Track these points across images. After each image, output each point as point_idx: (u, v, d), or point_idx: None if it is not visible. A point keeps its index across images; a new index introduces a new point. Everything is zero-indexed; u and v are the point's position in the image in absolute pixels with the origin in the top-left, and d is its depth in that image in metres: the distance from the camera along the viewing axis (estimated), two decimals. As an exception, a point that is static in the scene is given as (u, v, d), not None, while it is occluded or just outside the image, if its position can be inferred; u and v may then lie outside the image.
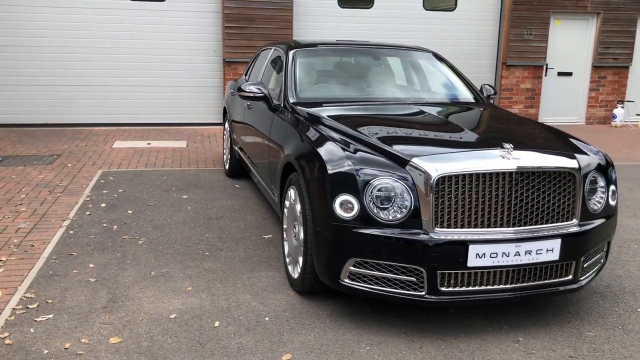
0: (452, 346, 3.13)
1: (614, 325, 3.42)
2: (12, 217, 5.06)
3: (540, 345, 3.17)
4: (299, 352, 3.03)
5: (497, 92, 5.15)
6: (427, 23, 10.72)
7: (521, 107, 11.22)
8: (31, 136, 8.97)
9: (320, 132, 3.64)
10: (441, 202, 3.06)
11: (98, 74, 9.73)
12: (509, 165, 3.11)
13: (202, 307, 3.50)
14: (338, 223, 3.14)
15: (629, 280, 4.09)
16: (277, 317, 3.40)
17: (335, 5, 10.31)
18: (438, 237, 3.04)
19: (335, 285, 3.25)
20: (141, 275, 3.93)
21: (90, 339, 3.09)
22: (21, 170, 6.73)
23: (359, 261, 3.16)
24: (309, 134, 3.70)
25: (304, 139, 3.67)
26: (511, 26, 10.78)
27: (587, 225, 3.31)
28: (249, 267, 4.11)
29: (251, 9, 9.73)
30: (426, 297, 3.10)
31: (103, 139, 8.90)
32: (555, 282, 3.27)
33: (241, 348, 3.05)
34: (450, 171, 3.05)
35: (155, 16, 9.72)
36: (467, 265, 3.05)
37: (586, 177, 3.36)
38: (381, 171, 3.14)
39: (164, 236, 4.69)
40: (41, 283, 3.76)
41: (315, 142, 3.53)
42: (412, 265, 3.07)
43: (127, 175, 6.66)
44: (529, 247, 3.10)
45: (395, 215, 3.09)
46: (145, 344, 3.07)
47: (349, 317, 3.42)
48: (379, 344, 3.14)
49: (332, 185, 3.17)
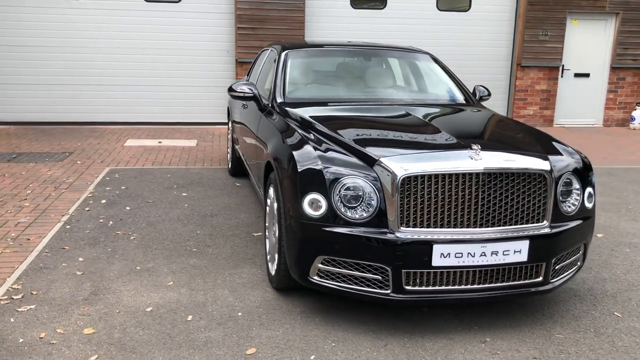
0: (417, 345, 3.16)
1: (587, 328, 3.40)
2: (15, 211, 5.24)
3: (507, 346, 3.18)
4: (264, 346, 3.09)
5: (490, 94, 5.12)
6: (440, 24, 10.68)
7: (536, 109, 11.10)
8: (48, 134, 9.22)
9: (298, 131, 3.70)
10: (407, 202, 3.09)
11: (114, 74, 9.95)
12: (475, 166, 3.12)
13: (179, 301, 3.59)
14: (307, 221, 3.19)
15: (612, 283, 4.05)
16: (250, 312, 3.47)
17: (348, 6, 10.36)
18: (403, 236, 3.07)
19: (305, 282, 3.31)
20: (126, 270, 4.04)
21: (65, 330, 3.20)
22: (32, 167, 6.94)
23: (327, 259, 3.21)
24: (287, 133, 3.76)
25: (281, 138, 3.74)
26: (526, 27, 10.68)
27: (559, 227, 3.30)
28: (233, 264, 4.19)
29: (263, 10, 9.84)
30: (391, 296, 3.14)
31: (116, 137, 9.11)
32: (525, 284, 3.27)
33: (208, 341, 3.13)
34: (416, 171, 3.08)
35: (169, 17, 9.90)
36: (432, 265, 3.08)
37: (559, 179, 3.35)
38: (349, 171, 3.19)
39: (156, 232, 4.80)
40: (30, 275, 3.90)
41: (291, 141, 3.59)
42: (378, 263, 3.11)
43: (132, 173, 6.82)
44: (495, 248, 3.11)
45: (362, 214, 3.13)
46: (117, 335, 3.17)
47: (321, 314, 3.47)
48: (345, 340, 3.18)
49: (302, 183, 3.23)
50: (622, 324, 3.46)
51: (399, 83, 5.01)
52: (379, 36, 10.50)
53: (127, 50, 9.91)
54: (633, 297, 3.84)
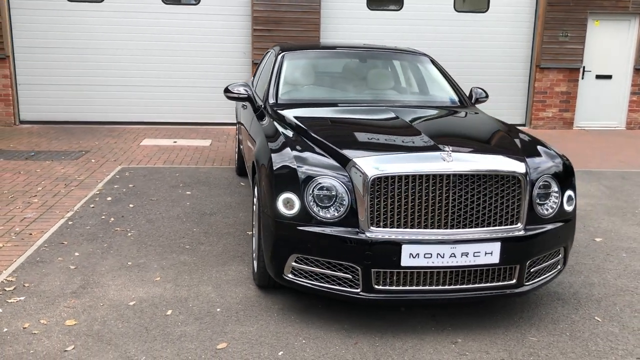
0: (387, 344, 3.19)
1: (562, 331, 3.38)
2: (23, 207, 5.44)
3: (477, 347, 3.19)
4: (235, 342, 3.17)
5: (487, 95, 5.10)
6: (458, 25, 10.62)
7: (555, 111, 10.94)
8: (69, 133, 9.50)
9: (281, 133, 3.77)
10: (377, 202, 3.13)
11: (134, 75, 10.18)
12: (446, 167, 3.14)
13: (163, 296, 3.70)
14: (281, 220, 3.26)
15: (600, 288, 4.01)
16: (229, 308, 3.56)
17: (364, 7, 10.39)
18: (372, 236, 3.12)
19: (280, 279, 3.37)
20: (118, 265, 4.17)
21: (48, 321, 3.34)
22: (47, 165, 7.17)
23: (301, 257, 3.27)
24: (271, 135, 3.83)
25: (265, 139, 3.81)
26: (545, 27, 10.53)
27: (534, 230, 3.30)
28: (222, 261, 4.28)
29: (279, 12, 9.94)
30: (361, 295, 3.18)
31: (133, 137, 9.33)
32: (497, 286, 3.27)
33: (182, 335, 3.22)
34: (386, 172, 3.12)
35: (188, 19, 10.08)
36: (401, 265, 3.11)
37: (536, 181, 3.35)
38: (323, 171, 3.24)
39: (154, 229, 4.93)
40: (25, 268, 4.06)
41: (272, 142, 3.67)
42: (348, 262, 3.16)
43: (142, 172, 6.99)
44: (465, 249, 3.13)
45: (333, 213, 3.19)
46: (97, 327, 3.29)
47: (298, 311, 3.54)
48: (316, 338, 3.24)
49: (276, 183, 3.30)
50: (600, 328, 3.44)
51: (393, 85, 5.03)
52: (395, 37, 10.50)
53: (147, 52, 10.13)
54: (618, 302, 3.80)
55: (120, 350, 3.06)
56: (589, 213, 5.80)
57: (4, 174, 6.67)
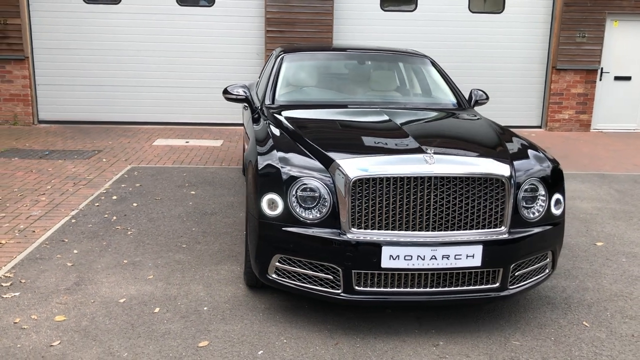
0: (367, 345, 3.21)
1: (547, 336, 3.36)
2: (30, 205, 5.58)
3: (458, 350, 3.18)
4: (217, 340, 3.22)
5: (488, 97, 5.06)
6: (472, 26, 10.54)
7: (572, 113, 10.79)
8: (84, 133, 9.68)
9: (272, 134, 3.81)
10: (358, 204, 3.15)
11: (149, 75, 10.33)
12: (428, 170, 3.14)
13: (153, 294, 3.76)
14: (265, 220, 3.30)
15: (594, 293, 3.96)
16: (216, 307, 3.60)
17: (377, 8, 10.37)
18: (353, 237, 3.13)
19: (264, 279, 3.41)
20: (114, 263, 4.25)
21: (39, 316, 3.43)
22: (59, 164, 7.32)
23: (284, 257, 3.30)
24: (260, 135, 3.87)
25: (255, 140, 3.85)
26: (562, 28, 10.39)
27: (519, 234, 3.28)
28: (216, 261, 4.34)
29: (292, 13, 9.99)
30: (342, 296, 3.20)
31: (147, 137, 9.46)
32: (480, 289, 3.26)
33: (167, 333, 3.28)
34: (368, 174, 3.13)
35: (203, 20, 10.19)
36: (381, 266, 3.12)
37: (521, 184, 3.33)
38: (306, 172, 3.27)
39: (154, 228, 5.01)
40: (24, 264, 4.17)
41: (261, 143, 3.70)
42: (329, 263, 3.18)
43: (151, 171, 7.09)
44: (446, 252, 3.13)
45: (315, 214, 3.21)
46: (85, 323, 3.36)
47: (284, 311, 3.57)
48: (298, 338, 3.26)
49: (261, 184, 3.33)
50: (586, 333, 3.40)
51: (392, 87, 5.03)
52: (408, 39, 10.47)
53: (162, 53, 10.26)
54: (610, 307, 3.75)
55: (104, 346, 3.13)
56: (595, 217, 5.72)
57: (17, 172, 6.83)
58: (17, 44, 9.84)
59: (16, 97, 10.06)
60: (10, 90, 10.03)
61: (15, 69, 9.95)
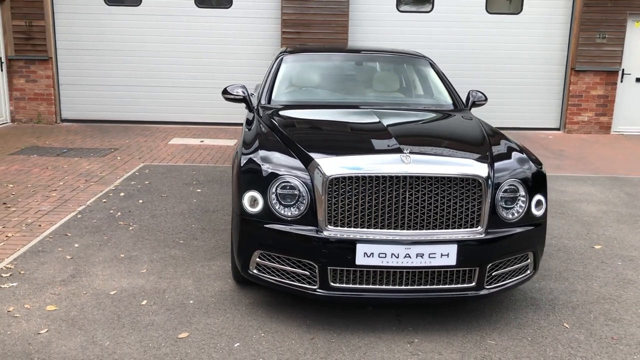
0: (342, 341, 3.27)
1: (524, 336, 3.37)
2: (41, 200, 5.78)
3: (431, 347, 3.22)
4: (197, 332, 3.32)
5: (486, 98, 5.06)
6: (490, 27, 10.48)
7: (591, 115, 10.63)
8: (104, 131, 9.93)
9: (258, 133, 3.90)
10: (335, 202, 3.21)
11: (168, 76, 10.55)
12: (403, 169, 3.19)
13: (143, 287, 3.89)
14: (246, 217, 3.39)
15: (581, 295, 3.94)
16: (202, 301, 3.71)
17: (393, 9, 10.40)
18: (329, 234, 3.20)
19: (245, 274, 3.50)
20: (111, 257, 4.39)
21: (32, 306, 3.58)
22: (75, 161, 7.55)
23: (264, 253, 3.38)
24: (249, 134, 3.97)
25: (243, 139, 3.95)
26: (581, 29, 10.26)
27: (496, 234, 3.30)
28: (210, 256, 4.45)
29: (308, 15, 10.08)
30: (318, 291, 3.27)
31: (163, 136, 9.67)
32: (456, 288, 3.29)
33: (150, 324, 3.39)
34: (344, 173, 3.20)
35: (221, 22, 10.36)
36: (356, 264, 3.18)
37: (500, 185, 3.35)
38: (286, 170, 3.35)
39: (155, 224, 5.15)
40: (26, 256, 4.34)
41: (247, 141, 3.80)
42: (306, 260, 3.25)
43: (162, 169, 7.26)
44: (420, 250, 3.17)
45: (294, 212, 3.29)
46: (74, 313, 3.50)
47: (267, 306, 3.65)
48: (275, 332, 3.34)
49: (243, 181, 3.42)
50: (565, 335, 3.40)
51: (387, 88, 5.06)
52: (424, 40, 10.46)
53: (181, 54, 10.47)
54: (595, 310, 3.73)
55: (88, 335, 3.26)
56: (598, 220, 5.66)
57: (33, 168, 7.07)
58: (41, 45, 10.15)
59: (40, 96, 10.38)
60: (35, 90, 10.35)
61: (39, 69, 10.27)
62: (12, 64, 10.25)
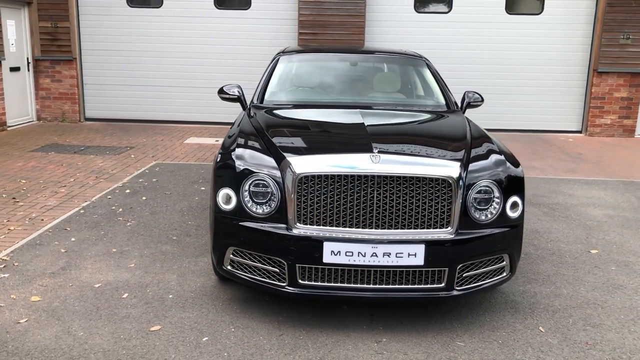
0: (310, 338, 3.29)
1: (496, 339, 3.33)
2: (49, 196, 5.97)
3: (398, 347, 3.22)
4: (170, 325, 3.39)
5: (483, 99, 5.01)
6: (509, 28, 10.34)
7: (614, 118, 10.38)
8: (124, 130, 10.17)
9: (240, 131, 3.95)
10: (304, 200, 3.24)
11: (188, 76, 10.73)
12: (372, 169, 3.20)
13: (127, 281, 3.99)
14: (220, 214, 3.45)
15: (565, 300, 3.88)
16: (181, 296, 3.78)
17: (411, 10, 10.35)
18: (297, 232, 3.23)
19: (221, 270, 3.56)
20: (103, 251, 4.52)
21: (18, 296, 3.71)
22: (90, 159, 7.76)
23: (237, 250, 3.44)
24: (231, 133, 4.03)
25: (227, 137, 4.01)
26: (604, 30, 10.03)
27: (467, 235, 3.28)
28: (199, 253, 4.53)
29: (325, 16, 10.13)
30: (286, 288, 3.30)
31: (180, 135, 9.84)
32: (424, 288, 3.28)
33: (126, 316, 3.48)
34: (313, 171, 3.23)
35: (239, 23, 10.50)
36: (323, 261, 3.20)
37: (472, 186, 3.32)
38: (258, 168, 3.39)
39: (153, 221, 5.27)
40: (23, 249, 4.50)
41: (228, 140, 3.86)
42: (276, 257, 3.29)
43: (172, 168, 7.40)
44: (387, 250, 3.17)
45: (266, 210, 3.33)
46: (56, 304, 3.62)
47: (243, 302, 3.70)
48: (246, 327, 3.39)
49: (217, 179, 3.49)
50: (538, 338, 3.35)
51: (379, 88, 5.05)
52: (442, 41, 10.39)
53: (200, 54, 10.64)
54: (576, 314, 3.67)
55: (65, 325, 3.36)
56: (602, 224, 5.54)
57: (49, 165, 7.30)
58: (66, 45, 10.46)
59: (64, 95, 10.69)
60: (59, 89, 10.67)
61: (64, 69, 10.58)
62: (39, 64, 10.59)
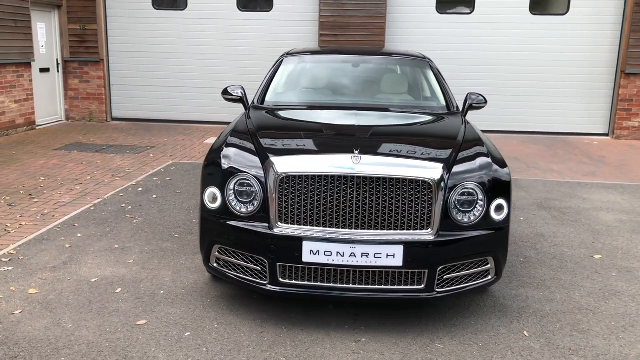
0: (290, 336, 3.34)
1: (476, 342, 3.31)
2: (64, 193, 6.16)
3: (375, 348, 3.23)
4: (156, 320, 3.48)
5: (486, 101, 4.95)
6: (533, 28, 10.18)
7: (642, 120, 10.11)
8: (147, 130, 10.39)
9: (233, 130, 4.02)
10: (285, 200, 3.29)
11: (211, 77, 10.91)
12: (351, 170, 3.22)
13: (123, 276, 4.10)
14: (206, 213, 3.52)
15: (556, 305, 3.82)
16: (172, 292, 3.87)
17: (433, 11, 10.29)
18: (278, 231, 3.28)
19: (207, 268, 3.63)
20: (106, 247, 4.65)
21: (17, 289, 3.86)
22: (110, 157, 7.97)
23: (222, 248, 3.51)
24: (224, 131, 4.10)
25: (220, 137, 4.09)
26: (633, 30, 9.78)
27: (448, 237, 3.27)
28: (197, 250, 4.62)
29: (346, 17, 10.15)
30: (268, 287, 3.35)
31: (201, 135, 10.00)
32: (404, 289, 3.29)
33: (115, 310, 3.59)
34: (294, 171, 3.27)
35: (261, 25, 10.62)
36: (303, 261, 3.24)
37: (454, 188, 3.31)
38: (243, 168, 3.45)
39: (159, 219, 5.39)
40: (30, 244, 4.67)
41: (220, 140, 3.93)
42: (258, 256, 3.35)
43: (187, 167, 7.54)
44: (365, 250, 3.19)
45: (248, 208, 3.39)
46: (51, 297, 3.75)
47: (231, 300, 3.77)
48: (229, 324, 3.46)
49: (204, 178, 3.56)
50: (520, 342, 3.32)
51: (380, 89, 5.04)
52: (465, 42, 10.29)
53: (224, 56, 10.80)
54: (564, 320, 3.62)
55: (56, 317, 3.49)
56: (611, 229, 5.43)
57: (68, 163, 7.53)
58: (93, 47, 10.75)
59: (92, 96, 10.99)
60: (87, 90, 10.97)
61: (91, 70, 10.88)
62: (67, 65, 10.91)
